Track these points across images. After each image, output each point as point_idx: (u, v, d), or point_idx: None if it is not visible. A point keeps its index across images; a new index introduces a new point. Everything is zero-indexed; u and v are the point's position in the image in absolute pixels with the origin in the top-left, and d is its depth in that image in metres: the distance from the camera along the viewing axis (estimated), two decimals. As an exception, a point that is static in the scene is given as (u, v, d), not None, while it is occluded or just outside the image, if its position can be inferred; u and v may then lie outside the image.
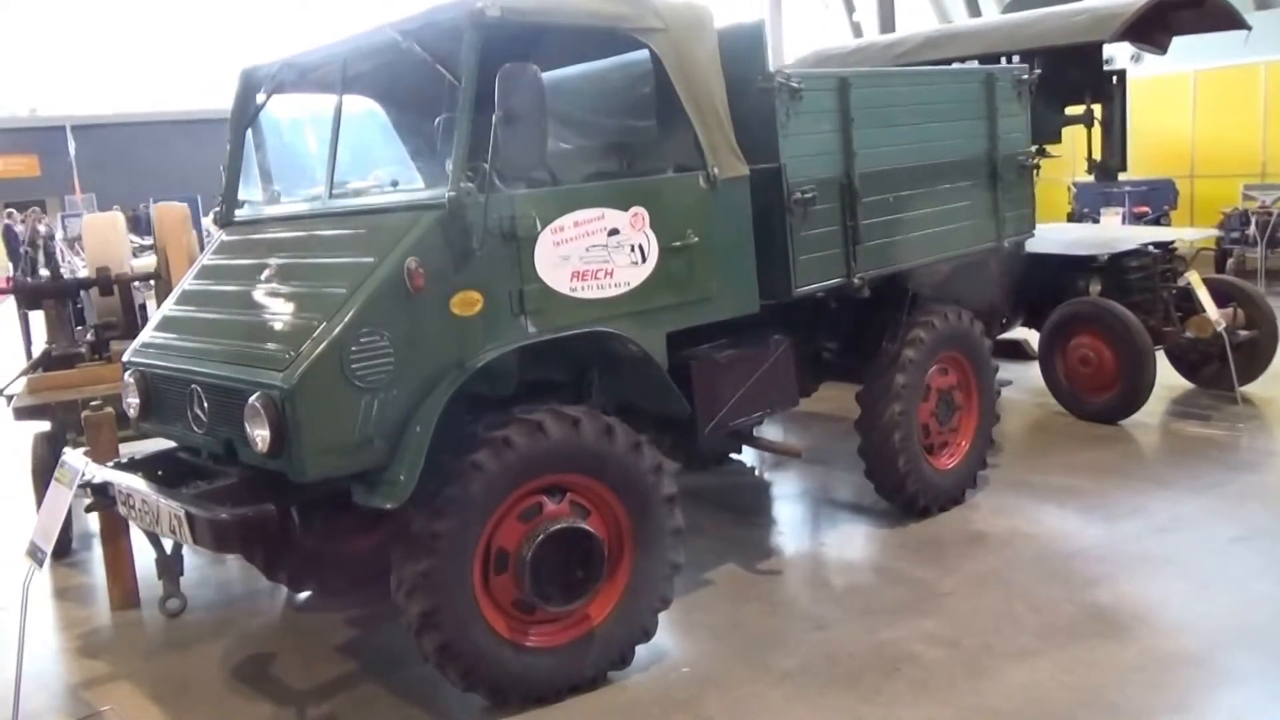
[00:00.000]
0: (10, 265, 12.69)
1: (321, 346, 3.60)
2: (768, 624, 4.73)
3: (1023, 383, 8.44)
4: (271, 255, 4.38)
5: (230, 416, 3.84)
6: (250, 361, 3.83)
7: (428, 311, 3.78)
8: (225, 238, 4.90)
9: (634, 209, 4.31)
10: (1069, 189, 14.36)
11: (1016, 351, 8.68)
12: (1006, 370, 9.01)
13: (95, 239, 7.02)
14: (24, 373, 6.64)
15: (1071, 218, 13.75)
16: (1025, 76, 6.26)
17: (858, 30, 24.91)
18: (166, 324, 4.58)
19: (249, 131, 5.02)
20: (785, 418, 7.97)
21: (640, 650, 4.35)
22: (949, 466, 5.98)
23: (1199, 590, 4.76)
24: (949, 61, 8.26)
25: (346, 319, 3.65)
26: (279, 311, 3.98)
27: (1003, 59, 8.37)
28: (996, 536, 5.54)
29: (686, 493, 6.63)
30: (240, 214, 4.99)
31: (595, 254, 4.20)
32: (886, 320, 5.67)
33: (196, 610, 5.31)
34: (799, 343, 5.66)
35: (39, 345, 7.02)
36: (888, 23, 22.81)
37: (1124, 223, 12.49)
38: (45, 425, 6.14)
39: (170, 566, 5.32)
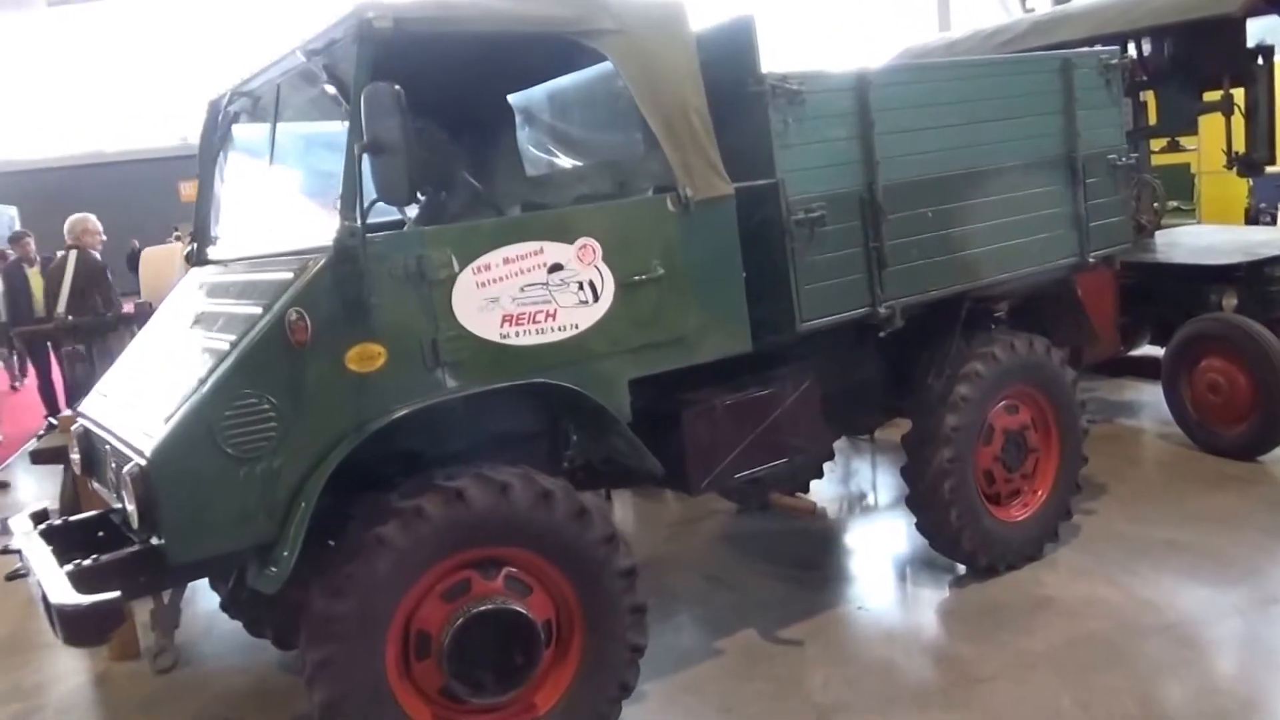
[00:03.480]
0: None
1: (187, 413, 3.25)
2: (763, 710, 4.09)
3: (1150, 410, 7.37)
4: (205, 300, 4.09)
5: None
6: (143, 425, 3.51)
7: (317, 368, 3.37)
8: (190, 278, 4.65)
9: (582, 241, 3.77)
10: (1249, 182, 12.73)
11: (1156, 371, 7.57)
12: (1142, 392, 8.00)
13: (151, 272, 7.01)
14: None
15: (1249, 215, 12.19)
16: (1114, 61, 5.33)
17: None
18: (115, 373, 4.37)
19: (219, 163, 4.75)
20: (858, 454, 7.23)
21: (601, 742, 3.81)
22: (1020, 518, 5.14)
23: (1306, 689, 3.83)
24: (1062, 48, 7.27)
25: (217, 380, 3.28)
26: (180, 367, 3.66)
27: (1130, 42, 7.35)
28: (1067, 604, 4.69)
29: (734, 537, 6.11)
30: (212, 252, 4.73)
31: (533, 294, 3.69)
32: (933, 352, 4.90)
33: (191, 664, 5.12)
34: (848, 374, 5.00)
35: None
36: (1060, -1, 21.17)
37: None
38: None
39: (164, 618, 5.16)
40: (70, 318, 6.92)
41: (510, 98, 5.19)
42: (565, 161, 5.02)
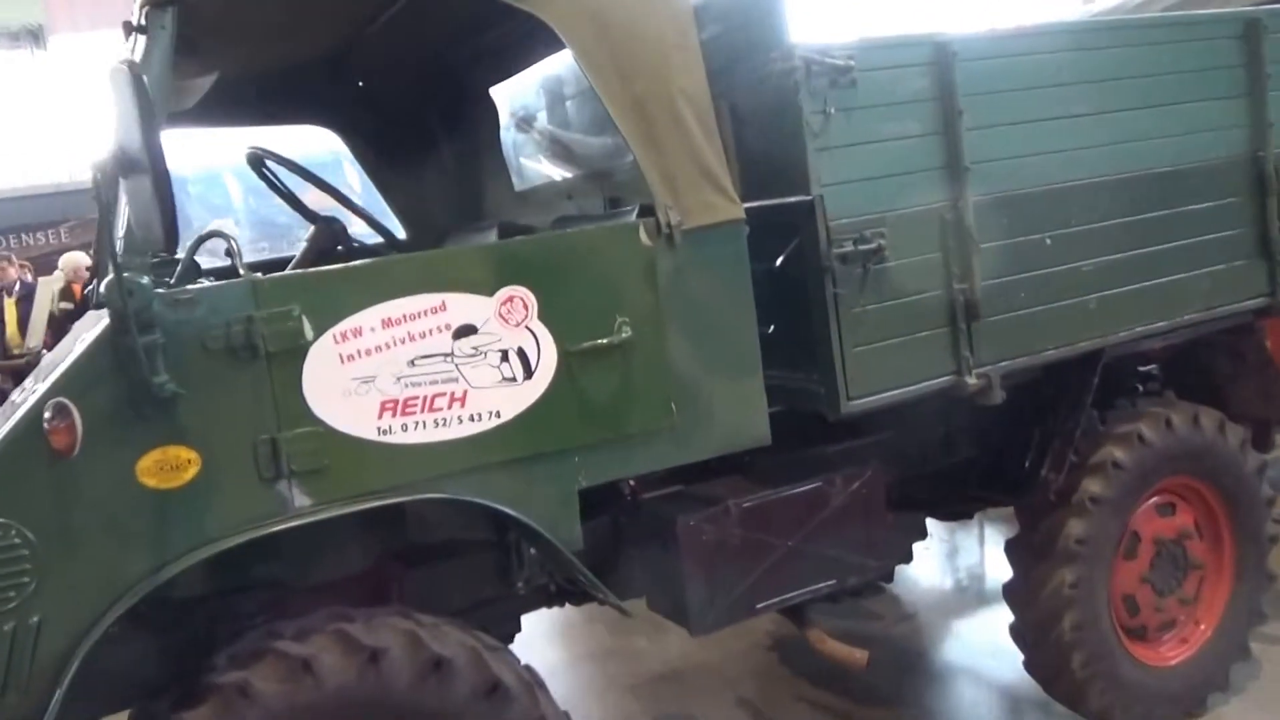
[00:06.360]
0: None
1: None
2: None
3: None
4: (45, 365, 3.11)
5: None
6: None
7: (93, 485, 2.31)
8: (76, 328, 3.68)
9: (506, 291, 2.60)
10: None
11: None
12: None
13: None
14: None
15: None
16: (1323, 21, 3.83)
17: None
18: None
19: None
20: (962, 526, 5.81)
21: None
22: (1175, 661, 3.74)
23: None
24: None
25: None
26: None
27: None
28: (1243, 804, 3.27)
29: (784, 644, 4.77)
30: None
31: (429, 370, 2.54)
32: (1051, 430, 3.54)
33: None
34: (930, 456, 3.72)
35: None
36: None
37: None
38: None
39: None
40: (45, 352, 6.14)
41: (494, 91, 4.07)
42: (556, 171, 3.88)
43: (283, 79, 3.68)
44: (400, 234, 4.22)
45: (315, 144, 4.65)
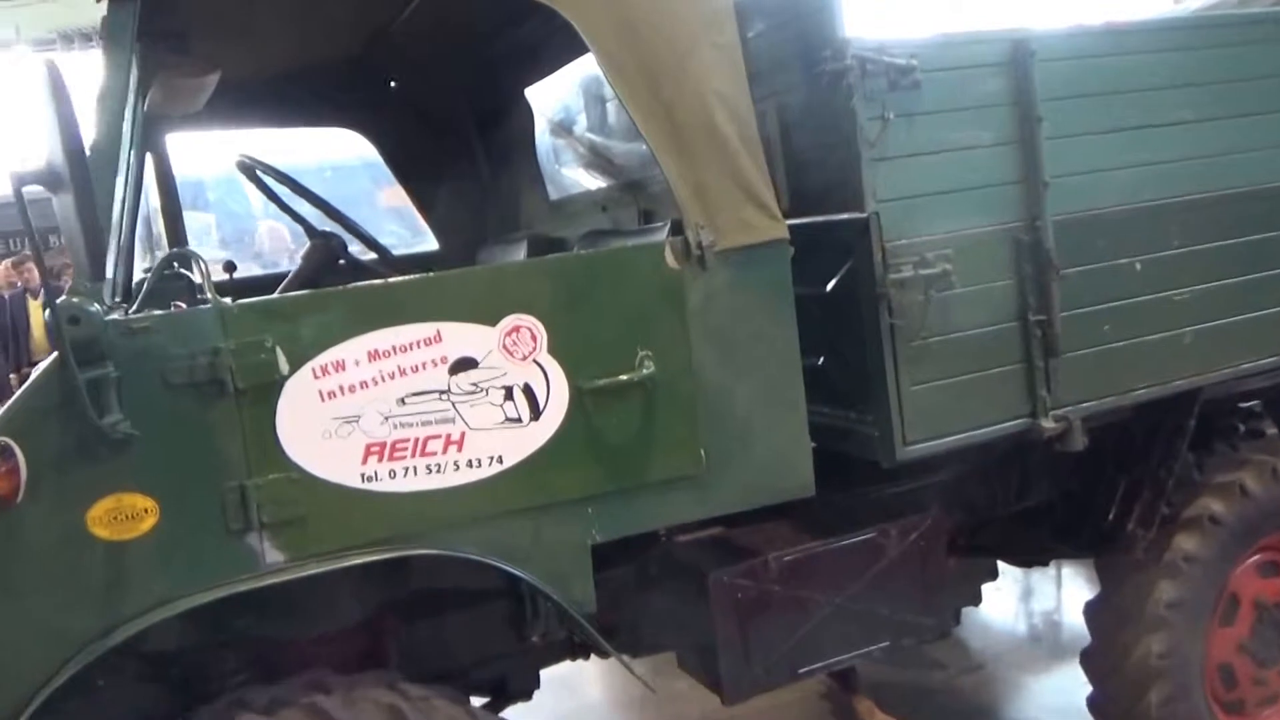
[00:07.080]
0: None
1: None
2: None
3: None
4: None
5: None
6: None
7: (39, 537, 2.06)
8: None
9: (511, 320, 2.30)
10: None
11: None
12: None
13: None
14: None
15: None
16: None
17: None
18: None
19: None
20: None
21: None
22: (1278, 742, 3.31)
23: None
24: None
25: None
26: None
27: None
28: None
29: (833, 695, 4.36)
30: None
31: (421, 409, 2.25)
32: (1138, 478, 3.14)
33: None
34: (998, 502, 3.36)
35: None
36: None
37: None
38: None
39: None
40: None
41: (530, 92, 3.79)
42: (590, 180, 3.59)
43: (307, 79, 3.49)
44: (423, 247, 4.00)
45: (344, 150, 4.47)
